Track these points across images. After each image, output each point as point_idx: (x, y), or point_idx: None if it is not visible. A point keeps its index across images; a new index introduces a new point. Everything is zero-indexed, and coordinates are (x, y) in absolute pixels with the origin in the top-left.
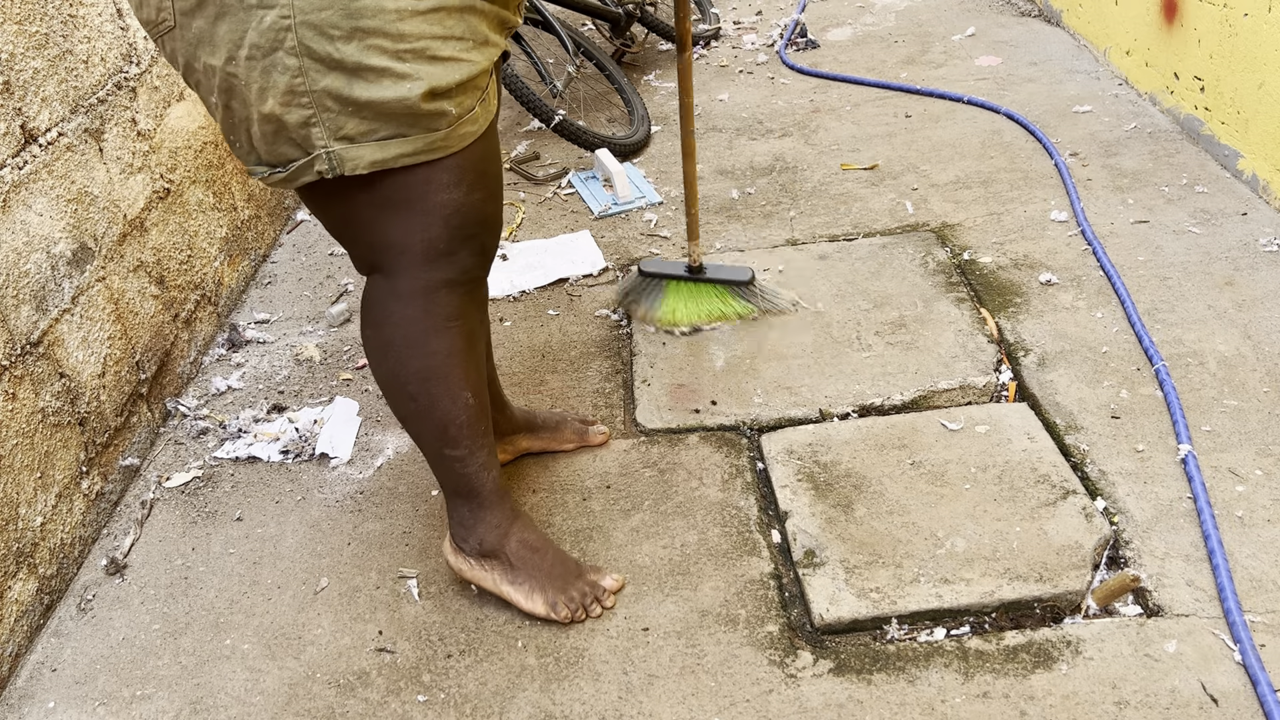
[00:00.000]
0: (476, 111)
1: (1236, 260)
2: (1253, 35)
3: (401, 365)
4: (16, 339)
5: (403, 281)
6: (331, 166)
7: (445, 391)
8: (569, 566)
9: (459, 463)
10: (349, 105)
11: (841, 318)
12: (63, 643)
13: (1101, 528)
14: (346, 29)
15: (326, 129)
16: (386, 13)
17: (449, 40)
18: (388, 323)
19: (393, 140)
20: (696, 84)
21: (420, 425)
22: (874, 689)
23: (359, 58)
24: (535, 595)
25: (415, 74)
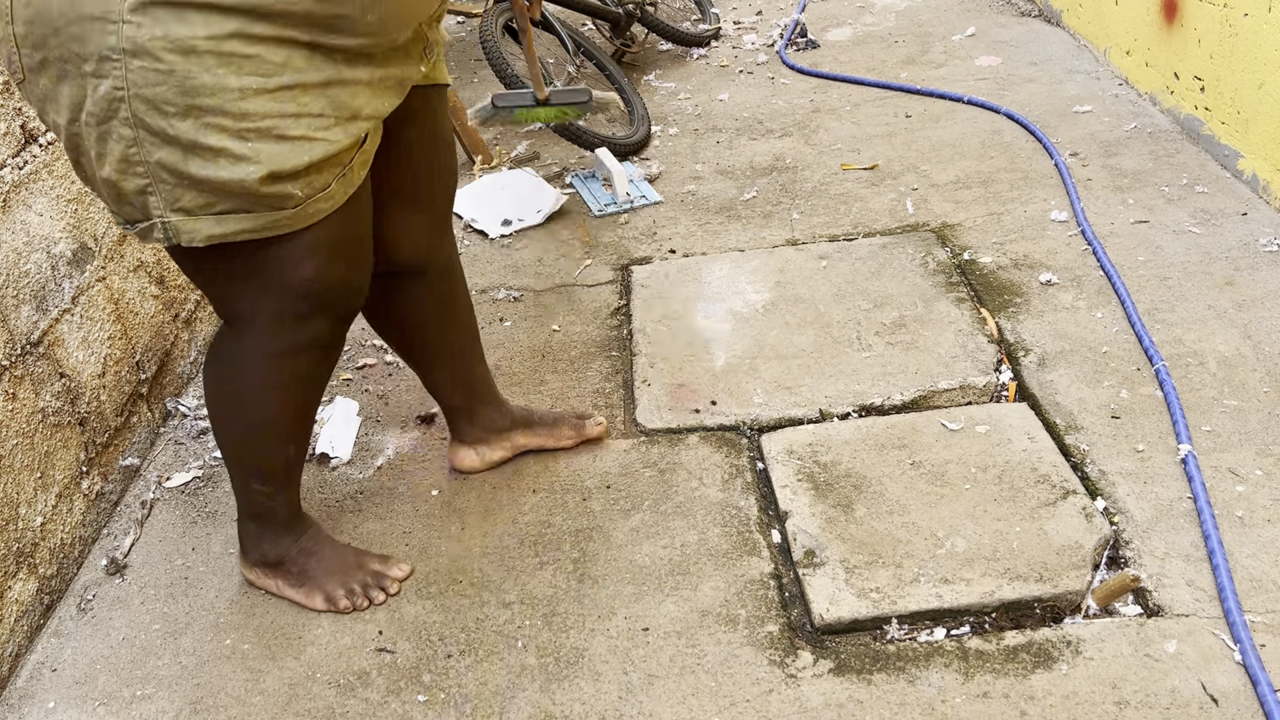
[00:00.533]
0: (333, 189)
1: (1236, 260)
2: (1253, 35)
3: (239, 415)
4: (16, 339)
5: (250, 345)
6: (167, 236)
7: (271, 444)
8: (348, 561)
9: (263, 496)
10: (184, 179)
11: (841, 318)
12: (63, 643)
13: (1101, 528)
14: (181, 106)
15: (163, 199)
16: (228, 91)
17: (302, 118)
18: (233, 375)
19: (232, 215)
20: (696, 84)
21: (238, 462)
22: (874, 689)
23: (194, 136)
24: (315, 594)
25: (255, 156)
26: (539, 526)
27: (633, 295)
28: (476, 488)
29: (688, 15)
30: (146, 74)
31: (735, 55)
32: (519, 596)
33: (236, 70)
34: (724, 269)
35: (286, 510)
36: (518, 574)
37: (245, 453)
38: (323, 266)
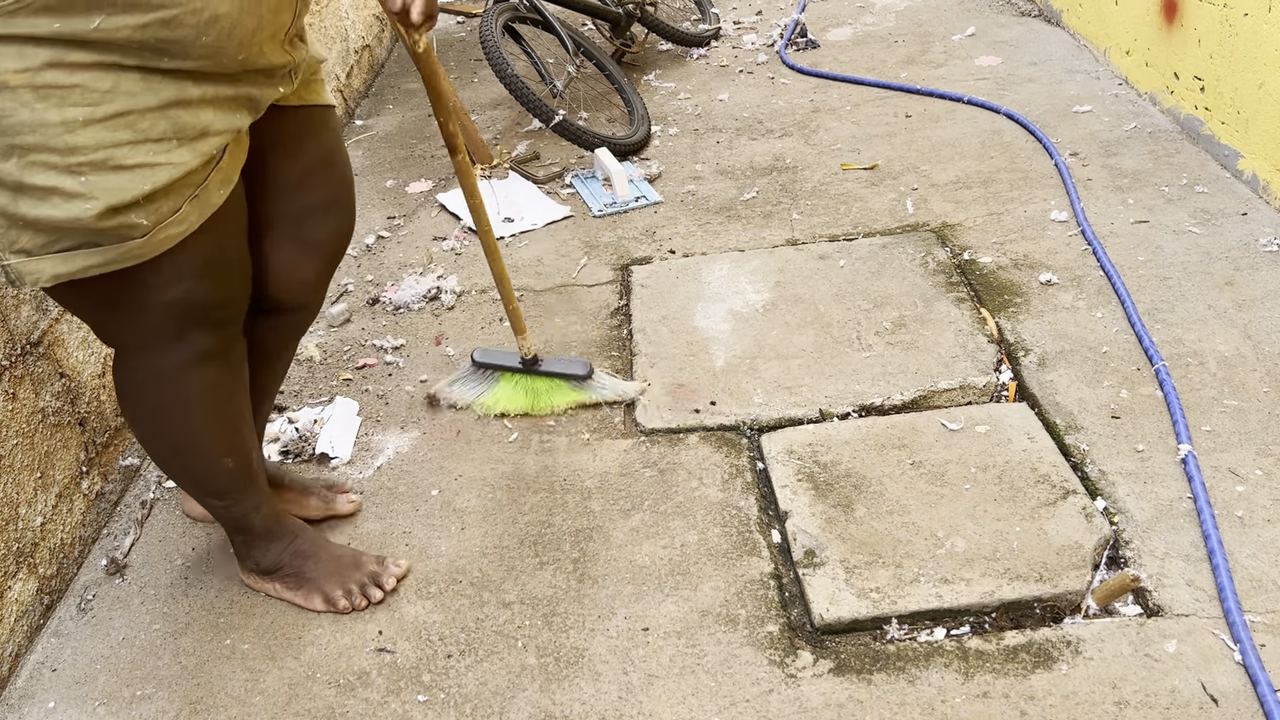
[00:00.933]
0: (184, 211)
1: (1236, 260)
2: (1253, 35)
3: (155, 436)
4: (17, 339)
5: (140, 371)
6: (11, 280)
7: (201, 463)
8: (345, 562)
9: (225, 509)
10: (16, 220)
11: (841, 318)
12: (63, 643)
13: (1101, 528)
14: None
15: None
16: (49, 126)
17: (140, 145)
18: (135, 402)
19: (78, 251)
20: (696, 84)
21: (182, 482)
22: (874, 689)
23: (19, 176)
24: (313, 595)
25: (89, 191)
26: (539, 526)
27: (633, 295)
28: (476, 488)
29: (688, 15)
30: None
31: (735, 55)
32: (519, 596)
33: (58, 103)
34: (724, 269)
35: (261, 519)
36: (518, 574)
37: (180, 472)
38: (190, 289)
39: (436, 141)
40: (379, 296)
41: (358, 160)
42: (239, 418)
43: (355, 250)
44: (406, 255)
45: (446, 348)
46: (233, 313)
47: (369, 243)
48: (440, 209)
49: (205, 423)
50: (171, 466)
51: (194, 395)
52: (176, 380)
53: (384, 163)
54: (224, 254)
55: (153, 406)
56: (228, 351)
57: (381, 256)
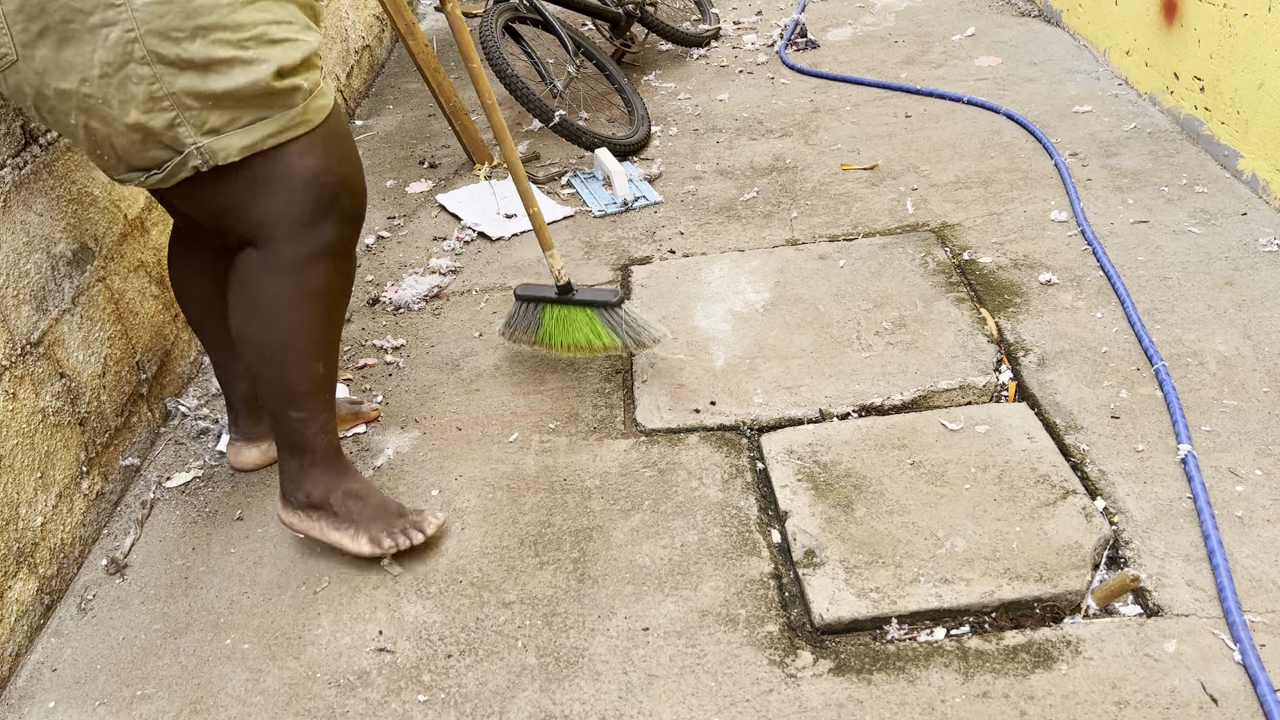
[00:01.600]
0: (323, 85)
1: (1236, 260)
2: (1253, 35)
3: (263, 332)
4: (17, 339)
5: (274, 256)
6: (205, 160)
7: (298, 361)
8: (390, 509)
9: (299, 423)
10: (208, 99)
11: (841, 318)
12: (63, 643)
13: (1101, 528)
14: (189, 29)
15: (192, 126)
16: (221, 7)
17: (280, 24)
18: (257, 293)
19: (256, 124)
20: (696, 84)
21: (270, 386)
22: (874, 689)
23: (207, 53)
24: (360, 536)
25: (261, 58)
26: (539, 526)
27: (633, 295)
28: (476, 488)
29: (688, 15)
30: (151, 8)
31: (735, 55)
32: (519, 596)
33: None
34: (724, 269)
35: (326, 445)
36: (518, 574)
37: (279, 376)
38: (326, 160)
39: (437, 142)
40: (379, 296)
41: None
42: (338, 324)
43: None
44: (406, 255)
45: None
46: (359, 205)
47: (369, 243)
48: (440, 209)
49: (314, 320)
50: (273, 373)
51: (314, 291)
52: (302, 271)
53: (384, 163)
54: (344, 130)
55: (276, 302)
56: (347, 251)
57: (381, 256)
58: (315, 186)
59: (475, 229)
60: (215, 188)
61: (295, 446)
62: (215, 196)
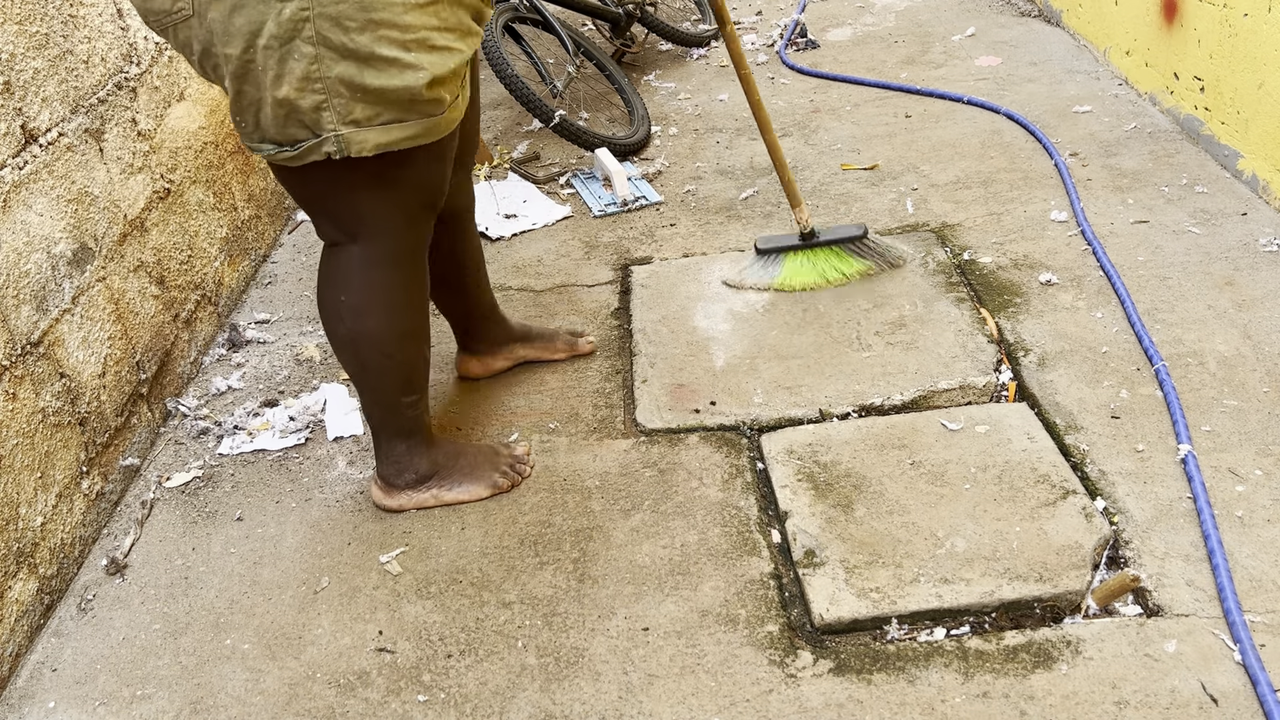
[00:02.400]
0: (459, 99)
1: (1236, 260)
2: (1253, 35)
3: (383, 325)
4: (17, 339)
5: (381, 250)
6: (340, 148)
7: (416, 347)
8: (486, 452)
9: (411, 408)
10: (359, 91)
11: (841, 318)
12: (63, 643)
13: (1101, 528)
14: (361, 20)
15: (337, 113)
16: (394, 6)
17: (443, 30)
18: (367, 288)
19: (395, 125)
20: (696, 84)
21: (388, 379)
22: (874, 689)
23: (371, 48)
24: (476, 485)
25: (420, 63)
26: (539, 526)
27: (633, 295)
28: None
29: (688, 15)
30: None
31: None
32: (519, 596)
33: None
34: (724, 269)
35: (426, 422)
36: (518, 574)
37: (399, 365)
38: (441, 168)
39: None
40: None
41: None
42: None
43: None
44: None
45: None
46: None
47: None
48: None
49: (418, 309)
50: (389, 360)
51: (411, 280)
52: (404, 264)
53: None
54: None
55: (390, 291)
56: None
57: None
58: (426, 191)
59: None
60: (337, 176)
61: (403, 431)
62: (334, 185)
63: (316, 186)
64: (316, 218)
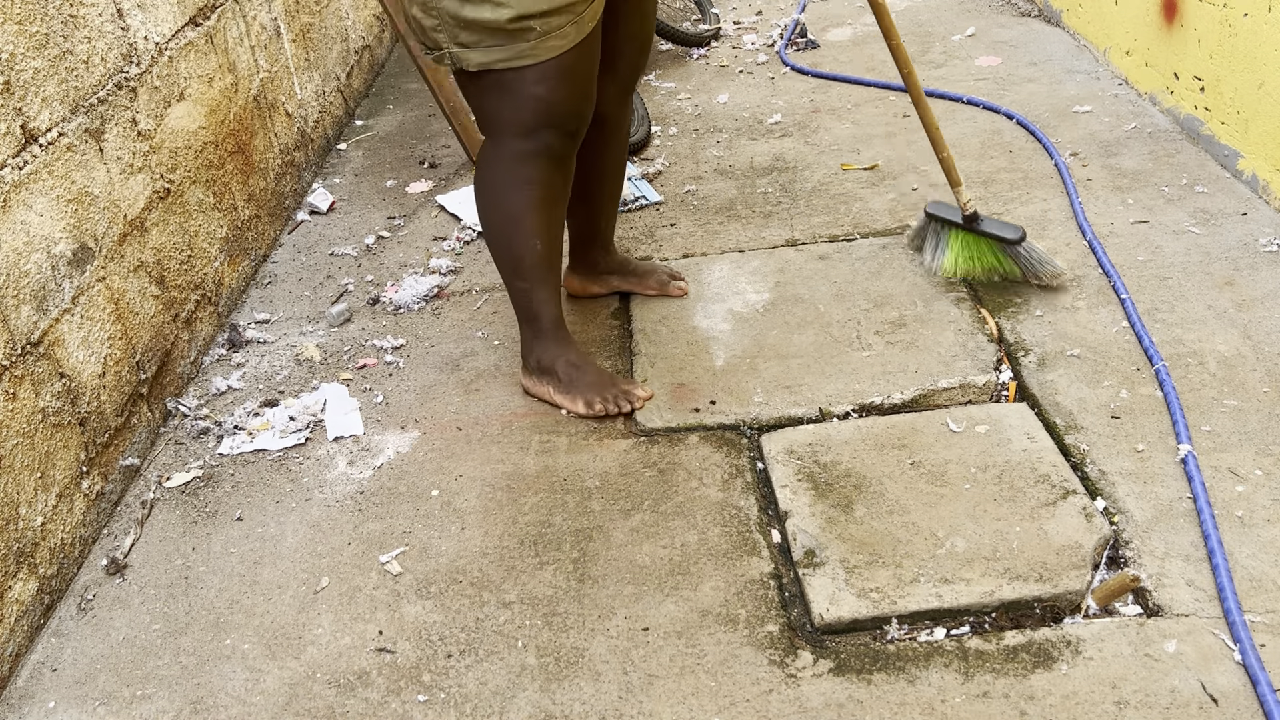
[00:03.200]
0: (567, 29)
1: (1236, 260)
2: (1253, 35)
3: (490, 210)
4: (17, 339)
5: (497, 149)
6: (453, 62)
7: (518, 235)
8: (604, 379)
9: (524, 294)
10: (460, 21)
11: (841, 317)
12: (63, 643)
13: (1101, 528)
14: None
15: (447, 35)
16: None
17: None
18: (488, 175)
19: (494, 48)
20: (696, 84)
21: (499, 256)
22: (874, 689)
23: None
24: (577, 399)
25: (507, 2)
26: (539, 526)
27: (633, 295)
28: (476, 488)
29: (688, 15)
30: None
31: (735, 55)
32: (519, 596)
33: None
34: (724, 269)
35: (550, 316)
36: (518, 574)
37: (504, 246)
38: (553, 91)
39: (437, 142)
40: (379, 296)
41: (358, 160)
42: (555, 212)
43: (355, 250)
44: (407, 255)
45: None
46: (577, 123)
47: (369, 243)
48: (440, 209)
49: (530, 205)
50: (500, 241)
51: (529, 180)
52: (521, 164)
53: (384, 163)
54: (584, 70)
55: (500, 183)
56: (565, 158)
57: (382, 256)
58: (538, 106)
59: (475, 229)
60: (467, 84)
61: (525, 314)
62: (468, 90)
63: (465, 90)
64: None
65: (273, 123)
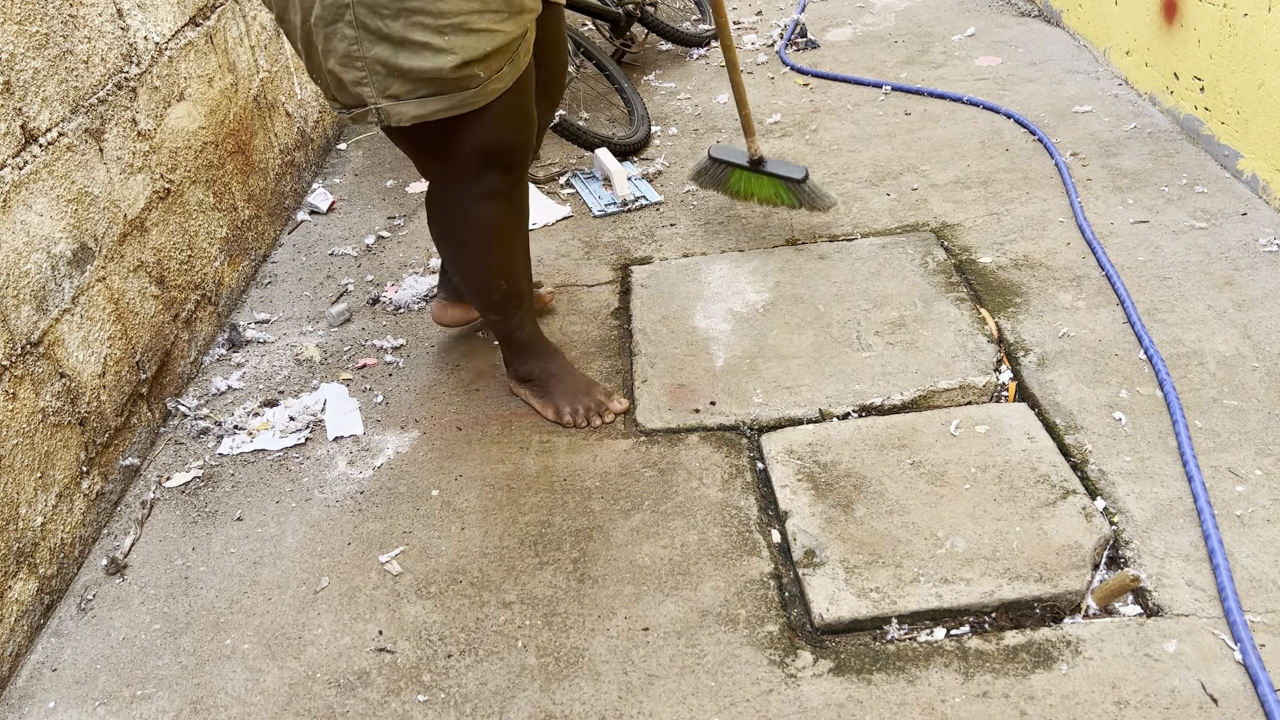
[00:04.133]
0: (505, 71)
1: (1236, 260)
2: (1253, 35)
3: (453, 255)
4: (17, 339)
5: (445, 198)
6: (380, 119)
7: (485, 279)
8: (580, 388)
9: (498, 322)
10: (395, 71)
11: (841, 318)
12: (63, 642)
13: (1101, 528)
14: (394, 9)
15: (376, 88)
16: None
17: (485, 14)
18: (443, 223)
19: (430, 98)
20: (696, 84)
21: (470, 294)
22: (874, 689)
23: (404, 33)
24: (549, 407)
25: (451, 47)
26: (539, 526)
27: (633, 295)
28: (476, 488)
29: (688, 15)
30: None
31: None
32: (519, 596)
33: None
34: (724, 269)
35: (524, 336)
36: (518, 574)
37: (473, 288)
38: (493, 132)
39: None
40: (379, 296)
41: (358, 160)
42: (516, 248)
43: (355, 250)
44: (407, 255)
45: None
46: (519, 156)
47: (369, 243)
48: None
49: (489, 247)
50: (468, 282)
51: (482, 224)
52: (472, 210)
53: (384, 163)
54: (521, 107)
55: (455, 232)
56: (512, 191)
57: (382, 256)
58: (480, 150)
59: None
60: (398, 138)
61: (501, 336)
62: (399, 144)
63: (396, 143)
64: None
65: (273, 123)
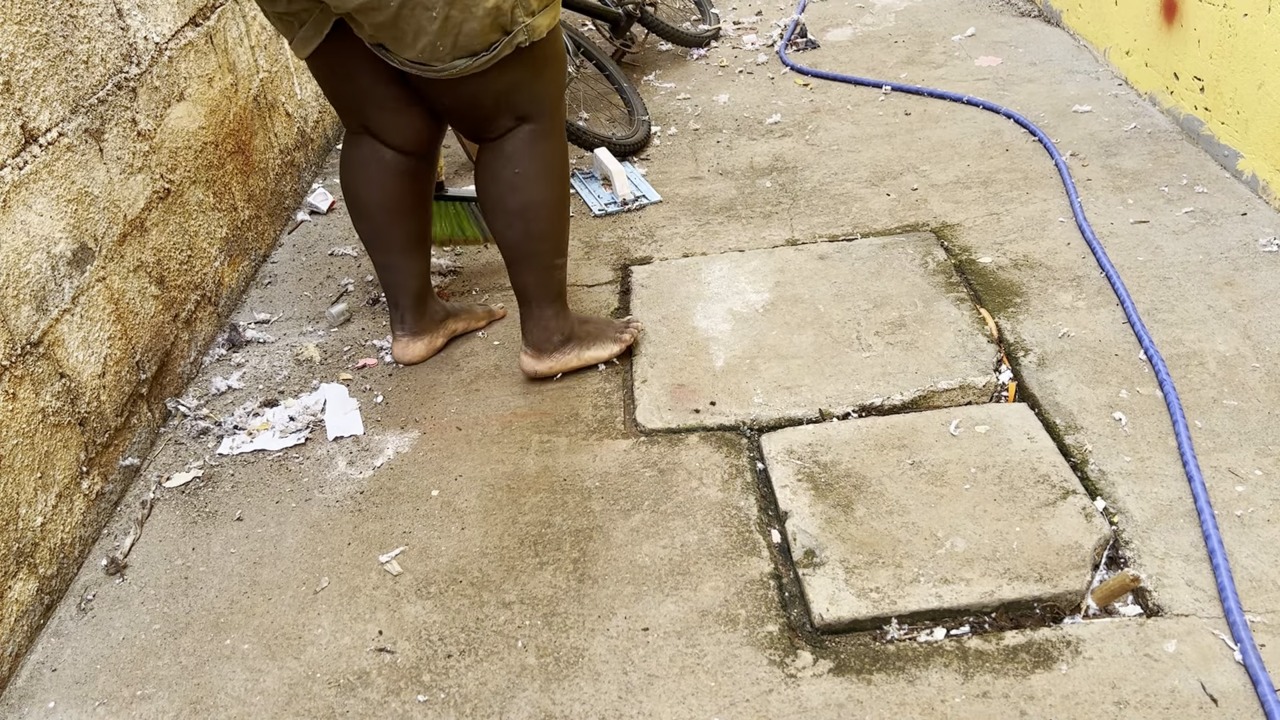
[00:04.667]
0: None
1: (1236, 260)
2: (1252, 35)
3: (553, 191)
4: (17, 339)
5: (550, 123)
6: (528, 35)
7: (567, 212)
8: (601, 321)
9: (560, 269)
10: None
11: (841, 318)
12: (63, 643)
13: (1101, 528)
14: None
15: (523, 9)
16: None
17: None
18: (541, 159)
19: (550, 8)
20: (696, 84)
21: (548, 242)
22: (874, 689)
23: None
24: (607, 345)
25: None
26: (539, 526)
27: (633, 295)
28: (476, 488)
29: (688, 15)
30: None
31: (735, 55)
32: (519, 596)
33: None
34: (724, 269)
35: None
36: (518, 574)
37: (558, 228)
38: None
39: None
40: (379, 296)
41: None
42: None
43: (355, 250)
44: None
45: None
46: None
47: None
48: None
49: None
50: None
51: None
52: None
53: None
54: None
55: (557, 161)
56: None
57: None
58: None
59: None
60: (520, 64)
61: (555, 295)
62: (523, 72)
63: (509, 77)
64: (497, 113)
65: (273, 123)
